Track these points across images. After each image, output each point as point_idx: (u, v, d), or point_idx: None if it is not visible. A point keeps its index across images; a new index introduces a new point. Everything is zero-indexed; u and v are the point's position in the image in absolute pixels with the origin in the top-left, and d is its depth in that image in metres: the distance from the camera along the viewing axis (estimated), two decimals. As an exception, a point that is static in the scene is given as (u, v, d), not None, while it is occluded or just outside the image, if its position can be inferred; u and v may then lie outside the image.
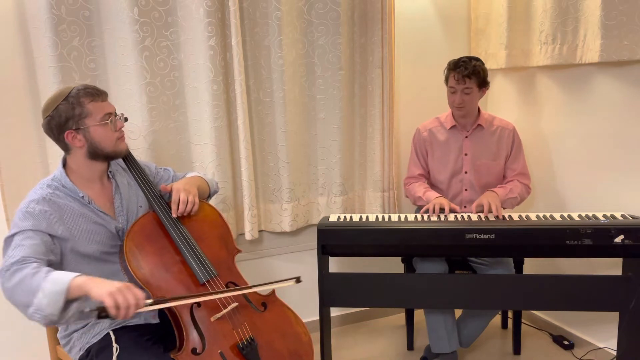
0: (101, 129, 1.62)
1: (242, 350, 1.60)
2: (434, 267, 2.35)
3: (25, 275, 1.40)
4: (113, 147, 1.66)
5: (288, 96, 2.51)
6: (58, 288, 1.35)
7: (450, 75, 2.39)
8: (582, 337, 2.60)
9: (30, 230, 1.51)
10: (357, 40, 2.64)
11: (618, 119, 2.29)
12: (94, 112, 1.61)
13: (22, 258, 1.44)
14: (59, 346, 1.87)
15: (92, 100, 1.60)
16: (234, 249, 1.87)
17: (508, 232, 2.08)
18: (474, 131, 2.48)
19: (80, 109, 1.58)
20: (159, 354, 1.60)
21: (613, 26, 2.15)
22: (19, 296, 1.39)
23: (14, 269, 1.42)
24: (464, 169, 2.50)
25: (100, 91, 1.64)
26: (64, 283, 1.35)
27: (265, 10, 2.42)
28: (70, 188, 1.64)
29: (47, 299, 1.34)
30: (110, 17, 2.17)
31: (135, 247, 1.65)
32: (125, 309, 1.34)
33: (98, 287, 1.35)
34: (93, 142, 1.62)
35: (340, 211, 2.74)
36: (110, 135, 1.65)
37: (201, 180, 1.97)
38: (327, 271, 2.22)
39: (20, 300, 1.39)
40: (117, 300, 1.33)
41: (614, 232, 2.01)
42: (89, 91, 1.60)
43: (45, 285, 1.36)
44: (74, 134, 1.60)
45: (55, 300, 1.34)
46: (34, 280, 1.38)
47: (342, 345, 2.76)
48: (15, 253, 1.46)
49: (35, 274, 1.39)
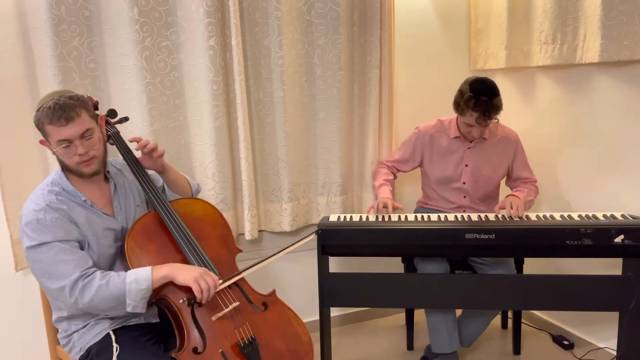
0: (61, 150, 1.56)
1: (243, 349, 1.60)
2: (435, 267, 2.35)
3: (99, 286, 1.51)
4: (75, 169, 1.61)
5: (288, 96, 2.51)
6: (144, 286, 1.52)
7: (467, 110, 2.24)
8: (582, 337, 2.60)
9: (56, 241, 1.53)
10: (356, 40, 2.64)
11: (618, 119, 2.29)
12: (52, 135, 1.54)
13: (80, 273, 1.52)
14: (59, 346, 1.86)
15: (49, 123, 1.52)
16: (234, 248, 1.87)
17: (508, 232, 2.08)
18: (477, 143, 2.44)
19: (42, 128, 1.55)
20: (159, 354, 1.60)
21: (613, 26, 2.15)
22: (102, 305, 1.52)
23: (81, 285, 1.51)
24: (462, 179, 2.47)
25: (62, 113, 1.50)
26: (147, 280, 1.52)
27: (265, 10, 2.42)
28: (71, 192, 1.63)
29: (139, 295, 1.51)
30: (110, 17, 2.17)
31: (137, 246, 1.65)
32: (207, 291, 1.53)
33: (182, 273, 1.54)
34: (58, 159, 1.62)
35: (340, 211, 2.74)
36: (70, 159, 1.58)
37: (183, 176, 2.01)
38: (327, 271, 2.22)
39: (107, 307, 1.54)
40: (201, 285, 1.52)
41: (614, 232, 2.01)
42: (49, 113, 1.51)
43: (129, 288, 1.51)
44: (47, 143, 1.60)
45: (145, 294, 1.53)
46: (112, 288, 1.51)
47: (342, 345, 2.76)
48: (66, 270, 1.51)
49: (108, 282, 1.52)
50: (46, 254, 1.52)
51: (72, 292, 1.50)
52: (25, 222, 1.55)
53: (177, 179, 1.95)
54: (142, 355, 1.57)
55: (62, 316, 1.68)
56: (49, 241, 1.53)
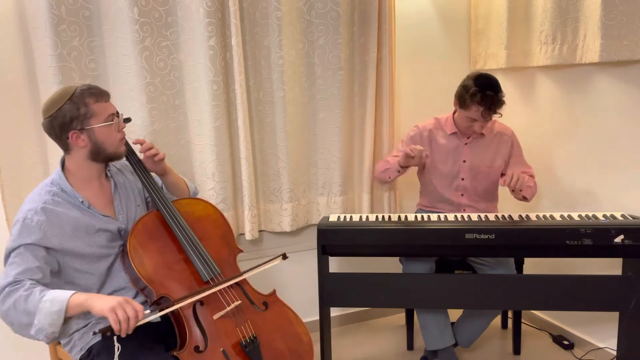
0: (106, 129, 1.62)
1: (245, 348, 1.61)
2: (420, 267, 2.34)
3: (19, 297, 1.42)
4: (115, 148, 1.67)
5: (288, 96, 2.51)
6: (56, 308, 1.39)
7: (473, 104, 2.26)
8: (582, 337, 2.60)
9: (24, 245, 1.51)
10: (357, 40, 2.64)
11: (618, 118, 2.30)
12: (99, 113, 1.60)
13: (14, 279, 1.45)
14: (59, 346, 1.86)
15: (97, 100, 1.60)
16: (235, 248, 1.88)
17: (508, 232, 2.08)
18: (475, 139, 2.46)
19: (86, 109, 1.58)
20: (160, 353, 1.59)
21: (613, 26, 2.15)
22: (16, 318, 1.42)
23: (7, 291, 1.44)
24: (460, 175, 2.49)
25: (104, 91, 1.64)
26: (62, 302, 1.39)
27: (265, 10, 2.42)
28: (69, 193, 1.63)
29: (48, 318, 1.38)
30: (110, 17, 2.17)
31: (139, 245, 1.65)
32: (126, 322, 1.37)
33: (99, 303, 1.39)
34: (97, 143, 1.62)
35: (340, 211, 2.74)
36: (114, 136, 1.65)
37: (181, 178, 2.02)
38: (327, 271, 2.22)
39: (18, 322, 1.42)
40: (119, 315, 1.36)
41: (614, 232, 2.01)
42: (93, 91, 1.60)
43: (42, 306, 1.39)
44: (77, 134, 1.59)
45: (55, 320, 1.39)
46: (29, 302, 1.40)
47: (342, 345, 2.76)
48: (9, 272, 1.48)
49: (28, 295, 1.41)
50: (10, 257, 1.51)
51: None
52: (16, 219, 1.57)
53: (176, 181, 1.96)
54: (144, 354, 1.56)
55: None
56: (21, 244, 1.51)
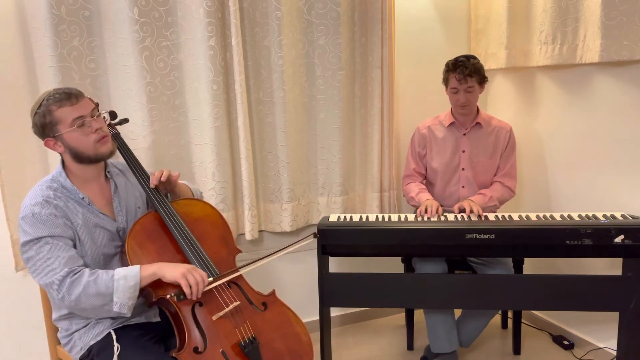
0: (75, 134, 1.57)
1: (244, 348, 1.60)
2: (433, 268, 2.35)
3: (87, 283, 1.50)
4: (93, 151, 1.61)
5: (288, 96, 2.51)
6: (132, 283, 1.52)
7: (450, 76, 2.40)
8: (582, 337, 2.60)
9: (50, 237, 1.53)
10: (357, 40, 2.64)
11: (618, 118, 2.29)
12: (63, 119, 1.56)
13: (69, 269, 1.51)
14: (59, 346, 1.87)
15: (60, 106, 1.55)
16: (234, 248, 1.88)
17: (508, 232, 2.08)
18: (472, 129, 2.49)
19: (50, 117, 1.55)
20: (160, 353, 1.60)
21: (613, 26, 2.15)
22: (89, 302, 1.51)
23: (69, 281, 1.50)
24: (461, 165, 2.51)
25: (70, 94, 1.57)
26: (136, 276, 1.52)
27: (265, 10, 2.42)
28: (70, 189, 1.64)
29: (127, 293, 1.51)
30: (110, 17, 2.17)
31: (137, 245, 1.65)
32: (195, 286, 1.53)
33: (169, 271, 1.54)
34: (71, 148, 1.60)
35: (341, 211, 2.74)
36: (86, 139, 1.59)
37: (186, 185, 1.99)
38: (327, 271, 2.22)
39: (92, 305, 1.52)
40: (189, 280, 1.52)
41: (614, 232, 2.01)
42: (57, 97, 1.55)
43: (116, 285, 1.51)
44: (53, 141, 1.59)
45: (132, 293, 1.52)
46: (99, 285, 1.50)
47: (342, 345, 2.76)
48: (57, 266, 1.51)
49: (96, 279, 1.51)
50: (40, 250, 1.53)
51: (60, 289, 1.50)
52: (22, 216, 1.56)
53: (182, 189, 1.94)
54: (143, 354, 1.57)
55: (62, 315, 1.68)
56: (44, 236, 1.53)
